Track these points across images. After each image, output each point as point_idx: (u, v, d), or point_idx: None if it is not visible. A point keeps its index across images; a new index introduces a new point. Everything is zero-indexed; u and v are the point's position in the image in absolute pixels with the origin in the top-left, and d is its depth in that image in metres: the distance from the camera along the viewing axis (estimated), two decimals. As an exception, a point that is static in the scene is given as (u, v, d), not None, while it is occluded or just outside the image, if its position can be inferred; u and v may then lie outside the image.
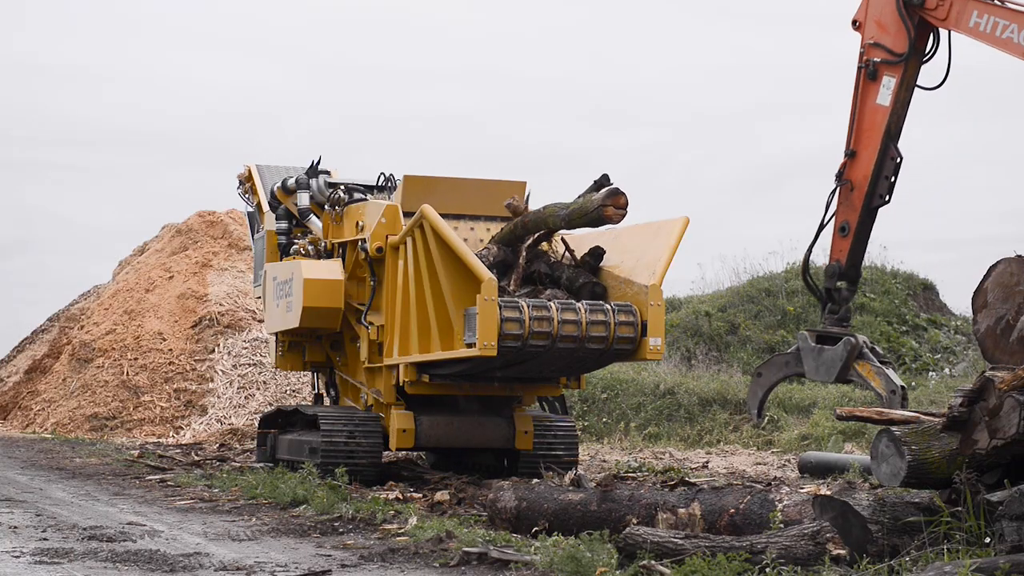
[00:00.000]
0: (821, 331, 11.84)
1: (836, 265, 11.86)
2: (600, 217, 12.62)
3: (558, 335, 12.43)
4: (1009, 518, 7.35)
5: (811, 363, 11.76)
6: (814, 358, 11.73)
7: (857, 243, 11.83)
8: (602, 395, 22.29)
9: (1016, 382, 7.85)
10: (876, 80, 11.49)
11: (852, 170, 11.68)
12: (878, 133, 11.52)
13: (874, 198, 11.69)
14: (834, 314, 11.89)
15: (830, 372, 11.59)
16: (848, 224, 11.78)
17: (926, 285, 28.01)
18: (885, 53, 11.39)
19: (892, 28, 11.37)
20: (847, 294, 11.93)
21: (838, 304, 11.89)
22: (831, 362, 11.59)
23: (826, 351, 11.65)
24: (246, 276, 26.27)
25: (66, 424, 23.79)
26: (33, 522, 10.78)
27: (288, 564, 8.70)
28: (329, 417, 14.12)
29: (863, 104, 11.57)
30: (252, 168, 17.14)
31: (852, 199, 11.71)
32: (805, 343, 11.86)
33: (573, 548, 8.25)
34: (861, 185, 11.66)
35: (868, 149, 11.59)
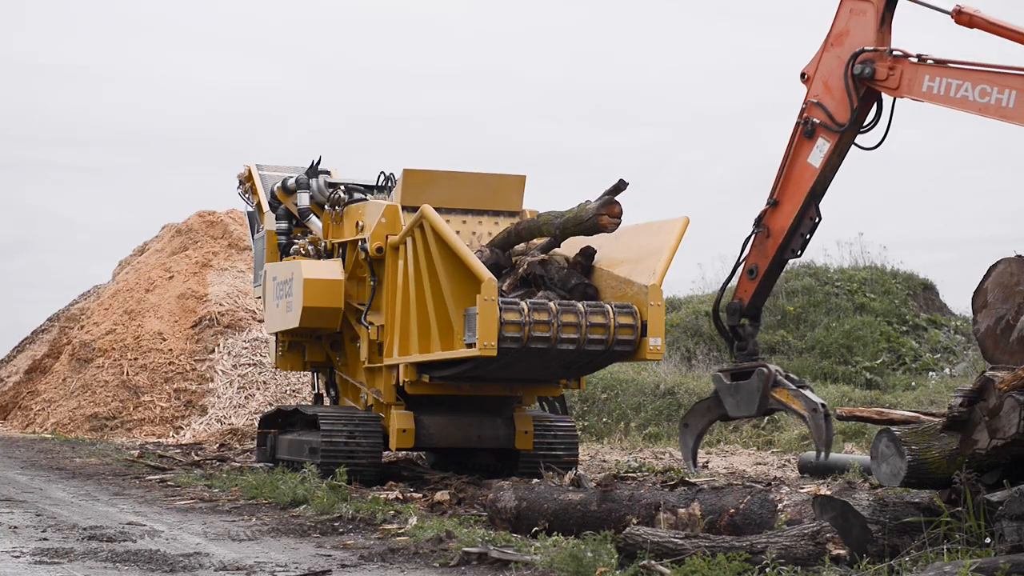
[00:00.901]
0: (734, 369, 12.04)
1: (738, 303, 12.11)
2: (595, 226, 12.70)
3: (558, 335, 12.43)
4: (1009, 518, 7.36)
5: (731, 401, 11.94)
6: (732, 395, 11.91)
7: (762, 287, 12.08)
8: (602, 395, 22.29)
9: (1016, 382, 7.85)
10: (812, 139, 11.55)
11: (772, 219, 11.83)
12: (803, 190, 11.62)
13: (786, 251, 11.89)
14: (743, 350, 12.07)
15: (751, 406, 11.76)
16: (757, 268, 11.99)
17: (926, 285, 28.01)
18: (826, 117, 11.43)
19: (837, 94, 11.38)
20: (751, 330, 12.17)
21: (744, 340, 12.06)
22: (749, 396, 11.76)
23: (742, 386, 11.80)
24: (246, 276, 26.28)
25: (66, 424, 23.79)
26: (33, 522, 10.77)
27: (288, 564, 8.70)
28: (329, 417, 14.12)
29: (795, 158, 11.65)
30: (252, 168, 17.15)
31: (766, 246, 11.90)
32: (721, 383, 12.04)
33: (573, 548, 8.26)
34: (777, 236, 11.82)
35: (791, 203, 11.72)
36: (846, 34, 11.36)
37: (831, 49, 11.46)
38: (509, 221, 14.22)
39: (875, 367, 24.19)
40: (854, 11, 11.32)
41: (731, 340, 12.16)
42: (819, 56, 11.56)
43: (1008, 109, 10.12)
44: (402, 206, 14.11)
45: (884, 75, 11.03)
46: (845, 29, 11.38)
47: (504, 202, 14.32)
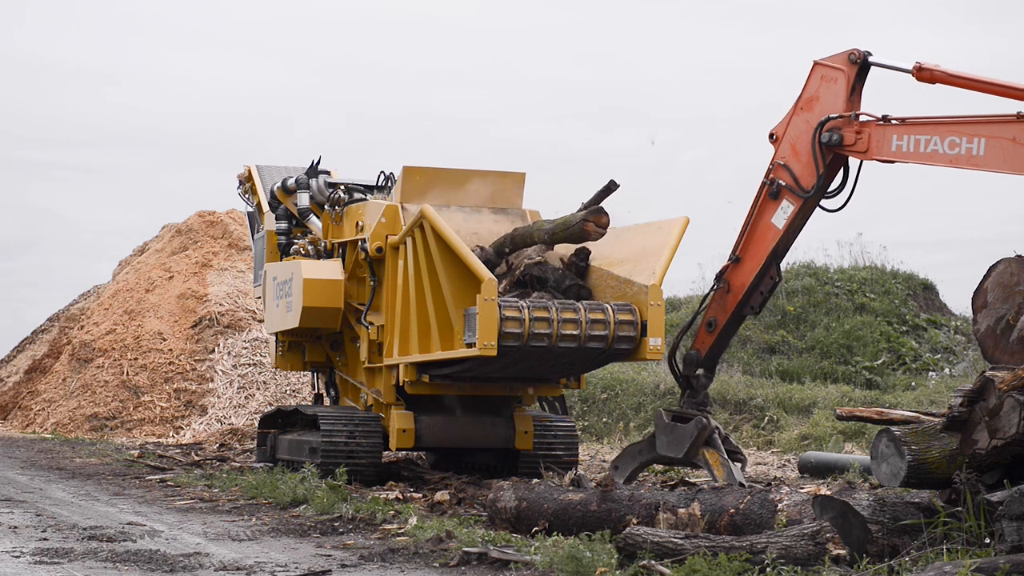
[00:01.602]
0: (677, 411, 12.13)
1: (695, 354, 12.26)
2: (580, 232, 12.72)
3: (558, 335, 12.43)
4: (1009, 518, 7.35)
5: (663, 439, 12.04)
6: (666, 434, 12.02)
7: (720, 340, 12.22)
8: (602, 395, 22.29)
9: (1016, 382, 7.85)
10: (776, 200, 11.60)
11: (733, 275, 11.94)
12: (765, 249, 11.70)
13: (745, 307, 12.01)
14: (693, 399, 12.17)
15: (679, 448, 11.87)
16: (716, 322, 12.11)
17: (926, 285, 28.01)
18: (791, 180, 11.46)
19: (804, 158, 11.41)
20: (705, 381, 12.32)
21: (696, 391, 12.17)
22: (681, 439, 11.87)
23: (678, 428, 11.88)
24: (246, 276, 26.28)
25: (66, 424, 23.79)
26: (33, 522, 10.78)
27: (288, 564, 8.70)
28: (329, 417, 14.12)
29: (759, 217, 11.72)
30: (252, 168, 17.15)
31: (726, 301, 12.02)
32: (660, 420, 12.15)
33: (573, 548, 8.26)
34: (737, 292, 11.94)
35: (752, 261, 11.82)
36: (816, 100, 11.36)
37: (800, 113, 11.46)
38: (509, 219, 14.23)
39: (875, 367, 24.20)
40: (825, 78, 11.31)
41: (684, 388, 12.27)
42: (788, 118, 11.57)
43: (979, 158, 10.12)
44: (402, 204, 14.12)
45: (852, 140, 11.05)
46: (815, 95, 11.37)
47: (504, 200, 14.33)
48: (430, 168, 14.28)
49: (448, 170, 14.30)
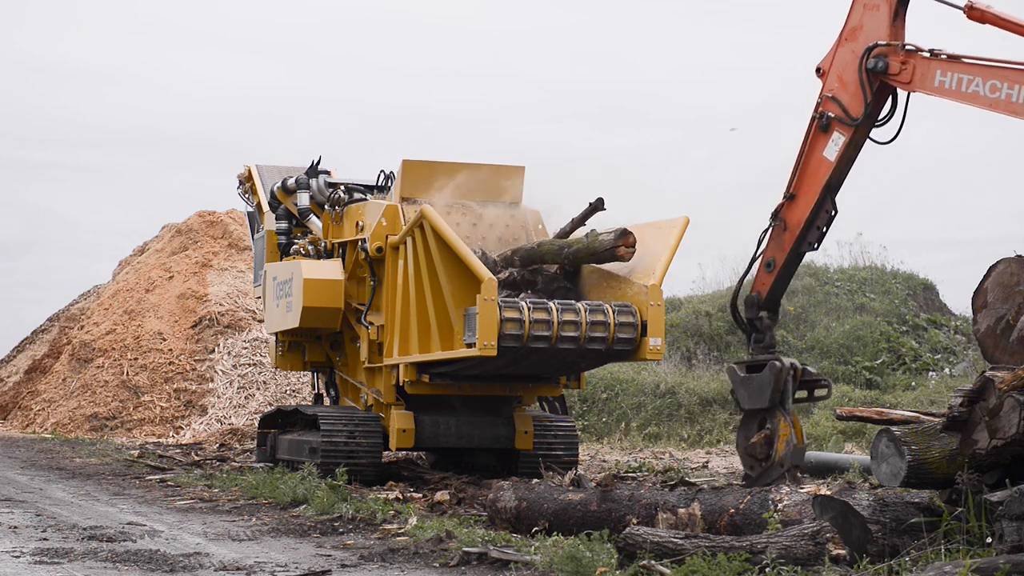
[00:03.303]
0: (748, 361, 12.02)
1: (756, 296, 12.15)
2: (612, 256, 12.75)
3: (558, 335, 12.43)
4: (1009, 518, 7.35)
5: (743, 393, 11.98)
6: (745, 387, 11.95)
7: (780, 280, 12.12)
8: (602, 395, 22.30)
9: (1016, 382, 7.85)
10: (827, 133, 11.61)
11: (788, 212, 11.88)
12: (819, 184, 11.68)
13: (803, 244, 11.93)
14: (760, 343, 12.09)
15: (762, 398, 11.79)
16: (775, 261, 12.05)
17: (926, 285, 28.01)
18: (840, 111, 11.49)
19: (851, 88, 11.45)
20: (768, 323, 12.19)
21: (762, 332, 12.08)
22: (761, 388, 11.78)
23: (755, 379, 11.82)
24: (246, 276, 26.28)
25: (66, 424, 23.79)
26: (33, 522, 10.77)
27: (288, 564, 8.70)
28: (329, 417, 14.12)
29: (811, 152, 11.71)
30: (252, 168, 17.16)
31: (783, 239, 11.95)
32: (735, 375, 12.05)
33: (573, 548, 8.26)
34: (794, 229, 11.88)
35: (807, 196, 11.78)
36: (860, 29, 11.43)
37: (845, 44, 11.53)
38: (509, 212, 14.26)
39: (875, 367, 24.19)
40: (867, 6, 11.40)
41: (749, 333, 12.16)
42: (834, 51, 11.64)
43: (1018, 105, 10.19)
44: (402, 197, 14.14)
45: (897, 69, 11.10)
46: (859, 24, 11.45)
47: (504, 193, 14.34)
48: (429, 162, 14.30)
49: (447, 163, 14.33)
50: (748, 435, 11.97)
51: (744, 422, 12.14)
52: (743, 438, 12.05)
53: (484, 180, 14.28)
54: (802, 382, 11.92)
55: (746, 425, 12.09)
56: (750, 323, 12.17)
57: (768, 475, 11.60)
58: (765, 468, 11.70)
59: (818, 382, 11.96)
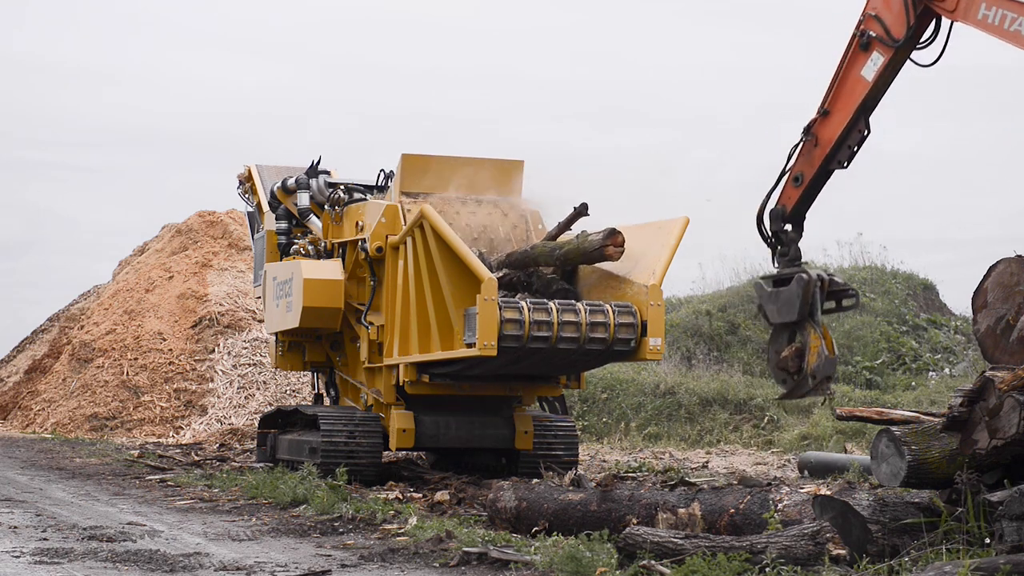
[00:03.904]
0: (775, 275, 11.83)
1: (781, 209, 11.89)
2: (601, 256, 12.76)
3: (558, 335, 12.43)
4: (1009, 518, 7.36)
5: (772, 308, 11.71)
6: (773, 302, 11.71)
7: (806, 195, 11.84)
8: (602, 395, 22.30)
9: (1016, 382, 7.85)
10: (867, 52, 11.46)
11: (821, 128, 11.70)
12: (854, 102, 11.51)
13: (832, 161, 11.71)
14: (784, 256, 11.88)
15: (791, 311, 11.55)
16: (803, 176, 11.82)
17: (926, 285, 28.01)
18: (882, 31, 11.34)
19: (895, 8, 11.30)
20: (793, 236, 11.93)
21: (787, 246, 11.89)
22: (789, 302, 11.58)
23: (783, 292, 11.65)
24: (246, 276, 26.28)
25: (66, 424, 23.79)
26: (33, 522, 10.77)
27: (288, 564, 8.70)
28: (329, 417, 14.12)
29: (848, 69, 11.57)
30: (252, 168, 17.16)
31: (813, 155, 11.75)
32: (761, 290, 11.85)
33: (573, 548, 8.25)
34: (825, 145, 11.68)
35: (841, 113, 11.60)
36: None
37: None
38: (508, 206, 14.27)
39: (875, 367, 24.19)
40: None
41: (773, 246, 12.01)
42: None
43: None
44: (401, 191, 14.14)
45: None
46: None
47: (503, 187, 14.36)
48: (429, 156, 14.33)
49: (447, 157, 14.36)
50: (778, 349, 11.77)
51: (774, 337, 11.93)
52: (773, 353, 11.86)
53: (483, 174, 14.30)
54: (829, 293, 11.69)
55: (776, 340, 11.89)
56: (775, 236, 11.95)
57: (801, 388, 11.44)
58: (797, 381, 11.56)
59: (846, 291, 11.71)
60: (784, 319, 11.68)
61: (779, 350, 11.76)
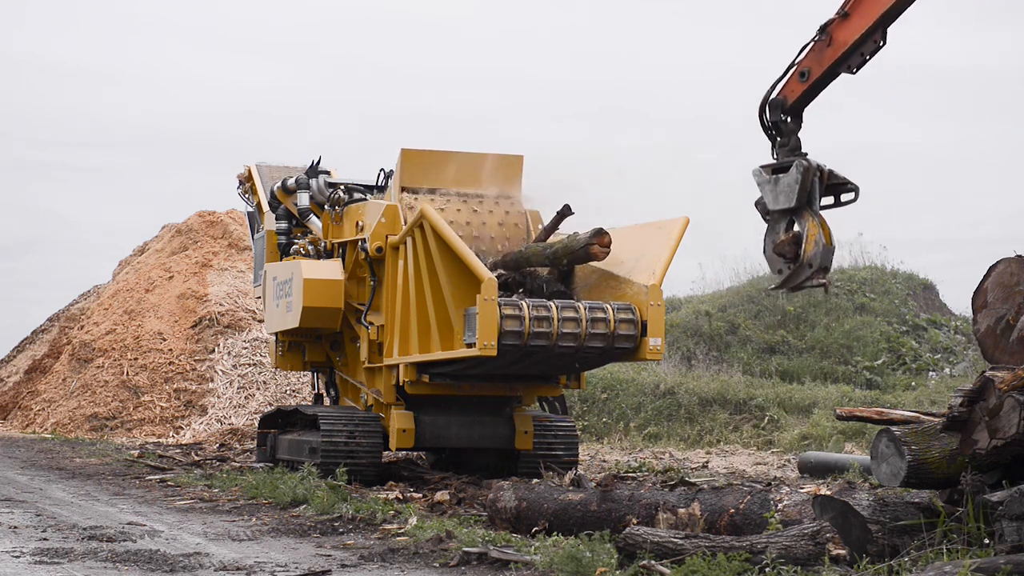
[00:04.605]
0: (775, 164, 11.56)
1: (782, 100, 11.66)
2: (586, 255, 12.77)
3: (558, 335, 12.43)
4: (1009, 518, 7.35)
5: (770, 195, 11.47)
6: (771, 189, 11.46)
7: (809, 91, 11.59)
8: (602, 395, 22.30)
9: (1016, 382, 7.85)
10: None
11: (838, 29, 11.51)
12: (877, 11, 11.28)
13: (842, 65, 11.53)
14: (784, 146, 11.72)
15: (790, 197, 11.29)
16: (809, 72, 11.61)
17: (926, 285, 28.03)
18: None
19: None
20: (793, 126, 11.63)
21: (786, 136, 11.74)
22: (788, 188, 11.33)
23: (781, 179, 11.42)
24: (246, 276, 26.28)
25: (66, 424, 23.79)
26: (33, 522, 10.77)
27: (288, 564, 8.70)
28: (329, 417, 14.12)
29: None
30: (252, 168, 17.16)
31: (825, 54, 11.55)
32: (760, 176, 11.58)
33: (573, 548, 8.25)
34: (838, 47, 11.48)
35: (861, 19, 11.40)
36: None
37: None
38: (508, 203, 14.28)
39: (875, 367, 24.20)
40: None
41: (772, 137, 11.86)
42: None
43: None
44: (401, 187, 14.15)
45: None
46: None
47: (503, 182, 14.37)
48: (429, 151, 14.34)
49: (446, 152, 14.37)
50: (775, 238, 11.59)
51: (771, 225, 11.70)
52: (770, 241, 11.64)
53: (483, 169, 14.31)
54: (828, 186, 11.49)
55: (773, 228, 11.66)
56: (774, 126, 11.80)
57: (797, 276, 11.29)
58: (794, 270, 11.45)
59: (845, 185, 11.49)
60: (782, 206, 11.38)
61: (775, 239, 11.54)
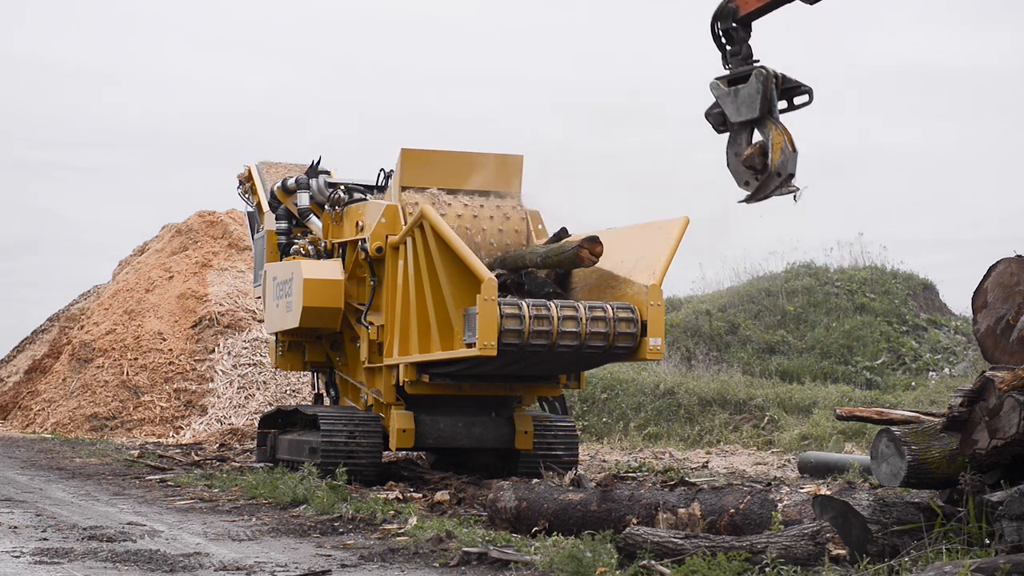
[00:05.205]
0: (730, 75, 11.36)
1: (734, 8, 11.37)
2: (574, 259, 12.82)
3: (558, 334, 12.43)
4: (1009, 518, 7.35)
5: (731, 107, 11.26)
6: (732, 101, 11.26)
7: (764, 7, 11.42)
8: (602, 395, 22.30)
9: (1016, 382, 7.85)
10: None
11: None
12: None
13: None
14: (737, 55, 11.54)
15: (752, 108, 11.12)
16: None
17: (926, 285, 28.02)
18: None
19: None
20: (744, 35, 11.47)
21: (737, 44, 11.58)
22: (750, 99, 11.15)
23: (741, 89, 11.24)
24: (246, 276, 26.28)
25: (66, 424, 23.79)
26: (33, 522, 10.77)
27: (288, 564, 8.70)
28: (329, 417, 14.12)
29: None
30: (252, 168, 17.17)
31: None
32: (719, 90, 11.39)
33: (573, 548, 8.25)
34: None
35: None
36: None
37: None
38: (509, 203, 14.29)
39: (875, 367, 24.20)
40: None
41: (723, 47, 11.52)
42: None
43: None
44: (401, 187, 14.16)
45: None
46: None
47: (503, 182, 14.38)
48: (429, 151, 14.34)
49: (446, 152, 14.37)
50: (738, 150, 11.37)
51: (732, 138, 11.49)
52: (733, 156, 11.42)
53: (483, 169, 14.32)
54: (782, 91, 11.30)
55: (735, 141, 11.46)
56: (725, 34, 11.47)
57: (767, 186, 11.08)
58: (762, 180, 11.32)
59: (798, 88, 11.29)
60: (745, 117, 11.20)
61: (739, 152, 11.32)
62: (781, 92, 11.31)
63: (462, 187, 14.26)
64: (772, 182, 11.06)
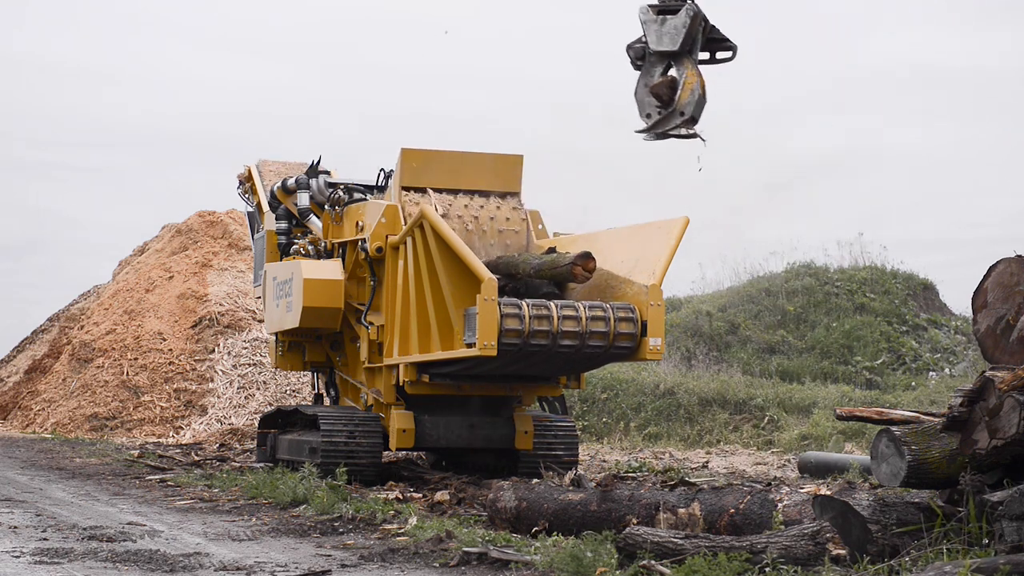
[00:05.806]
0: (662, 4, 11.32)
1: None
2: (568, 274, 12.85)
3: (558, 334, 12.44)
4: (1009, 518, 7.35)
5: (654, 35, 11.23)
6: (656, 29, 11.23)
7: None
8: (602, 395, 22.30)
9: (1016, 382, 7.85)
10: None
11: None
12: None
13: None
14: None
15: (674, 40, 11.10)
16: None
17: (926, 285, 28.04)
18: None
19: None
20: None
21: None
22: (674, 30, 11.12)
23: (669, 19, 11.19)
24: (246, 276, 26.28)
25: (66, 424, 23.79)
26: (33, 522, 10.77)
27: (288, 564, 8.70)
28: (329, 417, 14.12)
29: None
30: (252, 168, 17.17)
31: None
32: (647, 15, 11.33)
33: (573, 548, 8.25)
34: None
35: None
36: None
37: None
38: (509, 203, 14.29)
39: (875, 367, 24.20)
40: None
41: None
42: None
43: None
44: (401, 187, 14.16)
45: None
46: None
47: (503, 182, 14.38)
48: (428, 150, 14.35)
49: (446, 152, 14.38)
50: (649, 80, 11.35)
51: (646, 68, 11.45)
52: (643, 85, 11.39)
53: (483, 169, 14.33)
54: (708, 40, 11.29)
55: (648, 71, 11.42)
56: None
57: (667, 122, 11.00)
58: (664, 115, 11.23)
59: (724, 42, 11.31)
60: (665, 47, 11.16)
61: (650, 81, 11.28)
62: (707, 41, 11.25)
63: (462, 187, 14.27)
64: (673, 119, 11.02)
